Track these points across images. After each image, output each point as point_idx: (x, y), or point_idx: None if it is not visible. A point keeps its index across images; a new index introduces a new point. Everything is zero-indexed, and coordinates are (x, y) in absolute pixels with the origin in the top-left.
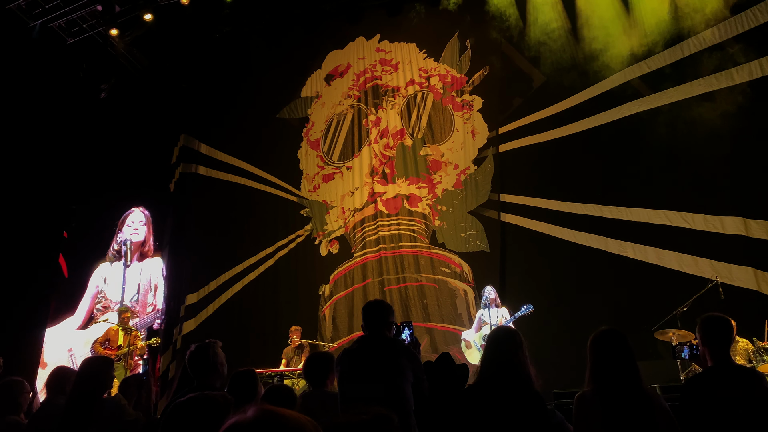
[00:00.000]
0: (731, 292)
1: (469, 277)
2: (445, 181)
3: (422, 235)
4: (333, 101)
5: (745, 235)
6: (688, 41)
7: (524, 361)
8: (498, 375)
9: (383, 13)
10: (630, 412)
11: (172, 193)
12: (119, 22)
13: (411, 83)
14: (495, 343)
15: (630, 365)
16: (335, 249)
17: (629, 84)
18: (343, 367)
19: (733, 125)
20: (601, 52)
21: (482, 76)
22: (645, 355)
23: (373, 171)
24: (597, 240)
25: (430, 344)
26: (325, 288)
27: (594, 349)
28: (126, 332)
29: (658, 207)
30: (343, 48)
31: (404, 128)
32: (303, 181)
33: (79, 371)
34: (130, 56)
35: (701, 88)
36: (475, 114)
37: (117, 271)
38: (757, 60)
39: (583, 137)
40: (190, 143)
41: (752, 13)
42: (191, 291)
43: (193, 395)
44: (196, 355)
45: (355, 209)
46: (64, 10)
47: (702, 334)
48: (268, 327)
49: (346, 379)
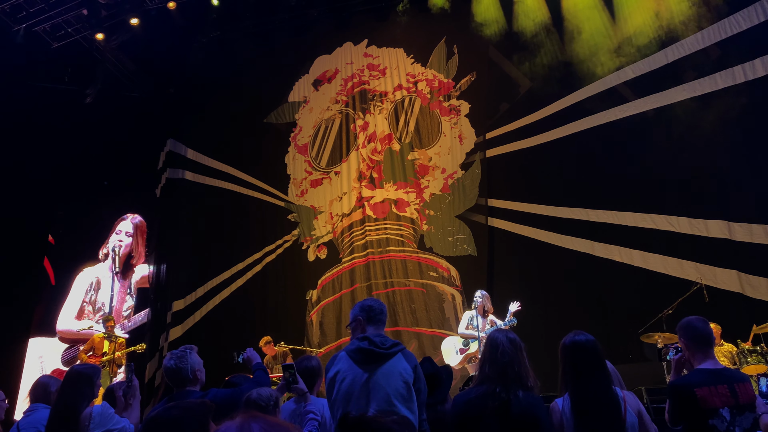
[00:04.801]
0: (716, 295)
1: (457, 281)
2: (433, 185)
3: (410, 240)
4: (321, 106)
5: (729, 239)
6: (672, 47)
7: (525, 364)
8: (499, 378)
9: (371, 19)
10: (600, 416)
11: (158, 198)
12: (105, 26)
13: (399, 88)
14: (494, 346)
15: (598, 369)
16: (323, 254)
17: (614, 89)
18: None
19: (716, 130)
20: (587, 57)
21: (469, 81)
22: (631, 357)
23: (361, 175)
24: (583, 243)
25: (419, 348)
26: (313, 293)
27: (563, 355)
28: (110, 340)
29: (644, 210)
30: (330, 53)
31: (392, 133)
32: (290, 186)
33: (65, 380)
34: (116, 60)
35: (685, 93)
36: (462, 119)
37: (107, 276)
38: (740, 65)
39: (570, 142)
40: (176, 148)
41: (735, 19)
42: (178, 297)
43: (168, 406)
44: (171, 363)
45: (343, 214)
46: (50, 14)
47: (683, 337)
48: (256, 333)
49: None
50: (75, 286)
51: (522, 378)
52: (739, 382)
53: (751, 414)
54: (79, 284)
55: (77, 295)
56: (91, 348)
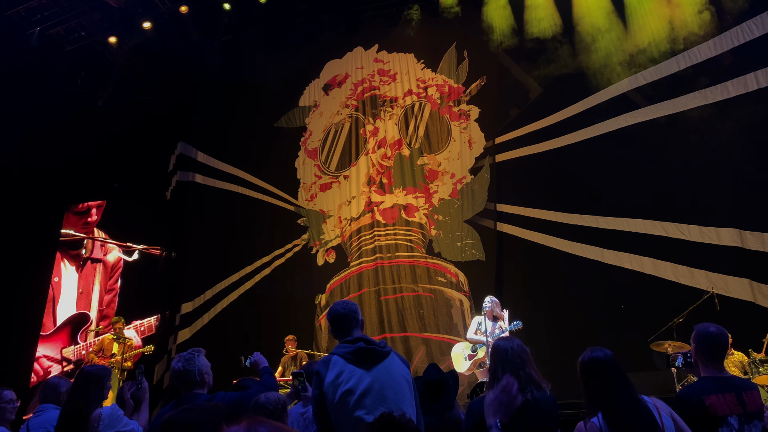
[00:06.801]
0: (727, 304)
1: (465, 286)
2: (442, 190)
3: (419, 245)
4: (331, 111)
5: (741, 247)
6: (685, 54)
7: (534, 366)
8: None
9: (381, 24)
10: (640, 429)
11: (168, 200)
12: (118, 29)
13: (409, 93)
14: (503, 351)
15: (623, 383)
16: (331, 258)
17: (625, 95)
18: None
19: (728, 137)
20: (598, 63)
21: (479, 86)
22: (641, 366)
23: (371, 180)
24: (593, 251)
25: (426, 354)
26: (321, 297)
27: (583, 373)
28: (119, 341)
29: (655, 218)
30: (341, 58)
31: (402, 138)
32: (300, 190)
33: (75, 381)
34: (129, 64)
35: (697, 100)
36: (472, 123)
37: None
38: (753, 73)
39: (580, 148)
40: (187, 151)
41: (747, 26)
42: (186, 300)
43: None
44: (179, 365)
45: (351, 218)
46: (63, 17)
47: (696, 343)
48: (264, 337)
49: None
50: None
51: (534, 379)
52: (747, 390)
53: (760, 423)
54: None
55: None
56: (100, 349)
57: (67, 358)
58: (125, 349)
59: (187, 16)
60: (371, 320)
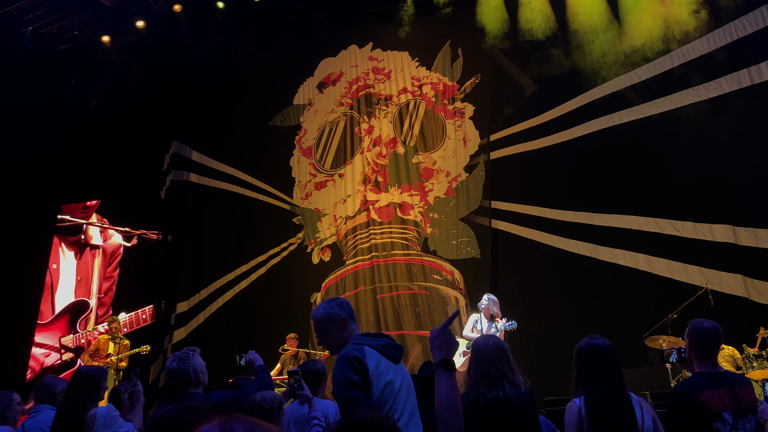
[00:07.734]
0: (721, 299)
1: (461, 284)
2: (437, 188)
3: (414, 243)
4: (325, 109)
5: (734, 243)
6: (678, 51)
7: (509, 363)
8: (483, 378)
9: (376, 22)
10: (616, 420)
11: (163, 200)
12: (111, 28)
13: (403, 91)
14: (475, 350)
15: (614, 373)
16: (327, 257)
17: (619, 93)
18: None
19: (721, 133)
20: (592, 61)
21: (474, 84)
22: (636, 362)
23: (366, 179)
24: (588, 247)
25: (422, 353)
26: (317, 296)
27: (579, 357)
28: (115, 342)
29: (649, 215)
30: (335, 56)
31: (396, 136)
32: (295, 188)
33: (71, 381)
34: (122, 63)
35: (690, 97)
36: (466, 121)
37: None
38: (746, 69)
39: (574, 145)
40: (181, 150)
41: (740, 23)
42: (181, 299)
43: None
44: (174, 365)
45: (347, 217)
46: (56, 17)
47: (690, 338)
48: (259, 335)
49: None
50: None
51: (506, 375)
52: (741, 385)
53: (754, 417)
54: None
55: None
56: (95, 349)
57: (66, 346)
58: (121, 349)
59: (180, 14)
60: (368, 318)
